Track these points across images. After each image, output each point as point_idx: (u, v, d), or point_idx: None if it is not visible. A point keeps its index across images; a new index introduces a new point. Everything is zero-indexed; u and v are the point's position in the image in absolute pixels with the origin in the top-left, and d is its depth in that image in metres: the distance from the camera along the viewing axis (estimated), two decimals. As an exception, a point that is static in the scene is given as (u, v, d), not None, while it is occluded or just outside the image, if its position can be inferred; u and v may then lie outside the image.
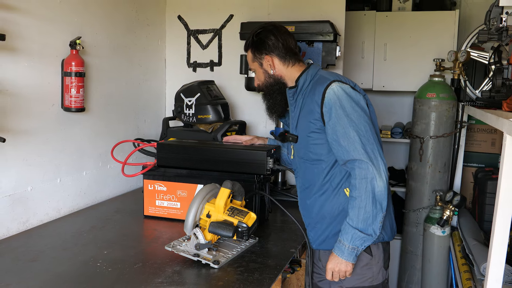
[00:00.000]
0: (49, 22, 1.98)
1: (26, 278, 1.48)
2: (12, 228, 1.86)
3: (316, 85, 1.70)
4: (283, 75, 1.82)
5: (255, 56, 1.84)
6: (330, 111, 1.62)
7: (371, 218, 1.56)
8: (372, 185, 1.55)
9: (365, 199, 1.55)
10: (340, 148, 1.61)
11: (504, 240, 1.39)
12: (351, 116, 1.60)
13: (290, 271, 2.02)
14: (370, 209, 1.55)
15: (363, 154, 1.57)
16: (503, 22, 1.60)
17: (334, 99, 1.61)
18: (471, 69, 3.24)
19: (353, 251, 1.59)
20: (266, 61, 1.81)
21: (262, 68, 1.84)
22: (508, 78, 1.69)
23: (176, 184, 2.05)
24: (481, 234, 2.66)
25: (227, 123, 2.46)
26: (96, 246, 1.74)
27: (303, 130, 1.75)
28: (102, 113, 2.38)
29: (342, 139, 1.60)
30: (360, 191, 1.56)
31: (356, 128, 1.59)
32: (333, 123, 1.61)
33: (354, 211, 1.57)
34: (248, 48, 1.88)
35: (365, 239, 1.58)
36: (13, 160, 1.84)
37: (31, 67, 1.89)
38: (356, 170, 1.58)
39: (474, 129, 3.48)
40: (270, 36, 1.80)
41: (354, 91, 1.66)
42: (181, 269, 1.56)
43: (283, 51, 1.80)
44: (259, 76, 1.87)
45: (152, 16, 2.81)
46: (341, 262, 1.61)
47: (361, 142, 1.58)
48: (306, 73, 1.77)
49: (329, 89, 1.63)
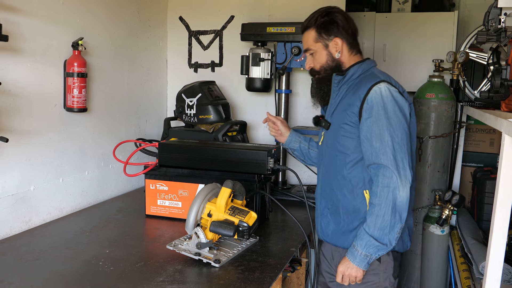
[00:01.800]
0: (52, 23, 2.00)
1: (29, 276, 1.49)
2: (15, 227, 1.87)
3: (364, 80, 1.64)
4: (344, 61, 1.74)
5: (320, 36, 1.72)
6: (371, 109, 1.56)
7: (388, 228, 1.51)
8: (394, 194, 1.50)
9: (385, 207, 1.51)
10: (371, 148, 1.56)
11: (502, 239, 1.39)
12: (391, 119, 1.55)
13: (291, 270, 2.03)
14: (388, 218, 1.51)
15: (391, 161, 1.52)
16: (501, 23, 1.60)
17: (378, 98, 1.56)
18: (470, 69, 3.25)
19: (366, 258, 1.55)
20: (334, 43, 1.72)
21: (327, 50, 1.73)
22: (506, 79, 1.69)
23: (178, 183, 2.06)
24: (480, 233, 2.67)
25: (228, 123, 2.47)
26: (98, 245, 1.75)
27: (337, 119, 1.70)
28: (104, 113, 2.39)
29: (375, 140, 1.55)
30: (381, 199, 1.52)
31: (392, 133, 1.54)
32: (371, 121, 1.56)
33: (372, 218, 1.53)
34: (309, 27, 1.75)
35: (380, 248, 1.54)
36: (16, 160, 1.86)
37: (33, 68, 1.91)
38: (379, 178, 1.53)
39: (473, 129, 3.49)
40: (341, 18, 1.71)
41: (401, 97, 1.61)
42: (183, 268, 1.57)
43: (351, 37, 1.72)
44: (319, 58, 1.75)
45: (153, 17, 2.83)
46: (352, 267, 1.58)
47: (393, 148, 1.53)
48: (359, 66, 1.71)
49: (376, 87, 1.58)
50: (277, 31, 2.46)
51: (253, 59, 2.49)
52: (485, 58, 2.91)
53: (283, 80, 2.58)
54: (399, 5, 3.52)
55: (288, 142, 2.02)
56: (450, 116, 3.02)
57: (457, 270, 2.63)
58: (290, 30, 2.44)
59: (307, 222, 2.00)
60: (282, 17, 2.70)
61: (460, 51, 2.94)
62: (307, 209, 1.90)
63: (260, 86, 2.52)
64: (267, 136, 2.84)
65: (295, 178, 2.20)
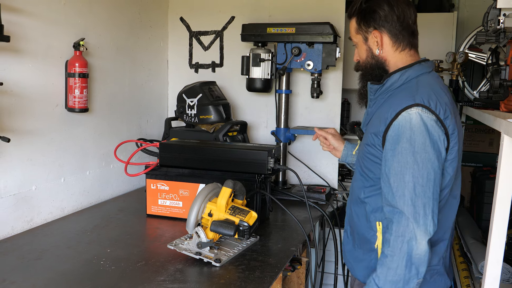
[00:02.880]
0: (53, 23, 2.00)
1: (30, 276, 1.49)
2: (16, 227, 1.88)
3: (399, 94, 1.37)
4: (388, 59, 1.46)
5: (360, 27, 1.48)
6: (395, 140, 1.31)
7: (402, 283, 1.28)
8: (410, 246, 1.27)
9: (398, 260, 1.28)
10: (387, 186, 1.33)
11: (501, 238, 1.39)
12: (417, 155, 1.28)
13: (291, 269, 2.04)
14: (402, 272, 1.28)
15: (408, 206, 1.28)
16: (500, 23, 1.60)
17: (406, 127, 1.29)
18: (469, 70, 3.26)
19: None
20: (373, 36, 1.46)
21: (366, 44, 1.49)
22: (505, 79, 1.70)
23: (178, 183, 2.07)
24: (479, 233, 2.67)
25: (228, 123, 2.48)
26: (100, 245, 1.76)
27: (366, 135, 1.47)
28: (106, 113, 2.40)
29: (394, 178, 1.31)
30: (394, 249, 1.29)
31: (415, 173, 1.28)
32: (392, 155, 1.31)
33: (383, 270, 1.31)
34: (351, 16, 1.52)
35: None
36: (17, 160, 1.86)
37: (35, 68, 1.91)
38: (394, 225, 1.30)
39: (472, 129, 3.50)
40: (383, 6, 1.42)
41: (437, 127, 1.30)
42: (183, 267, 1.57)
43: (397, 27, 1.43)
44: (361, 52, 1.53)
45: (154, 18, 2.84)
46: None
47: (413, 192, 1.28)
48: (402, 73, 1.42)
49: (405, 112, 1.30)
50: (278, 32, 2.47)
51: (254, 60, 2.50)
52: (484, 58, 2.92)
53: (283, 80, 2.59)
54: (399, 5, 3.53)
55: (344, 157, 1.79)
56: (450, 116, 3.02)
57: (456, 269, 2.64)
58: (290, 31, 2.45)
59: (307, 222, 2.01)
60: (282, 17, 2.71)
61: (460, 52, 2.95)
62: (308, 208, 1.91)
63: (260, 87, 2.53)
64: (267, 136, 2.85)
65: (296, 178, 2.20)
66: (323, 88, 2.58)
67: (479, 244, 2.45)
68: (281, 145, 2.58)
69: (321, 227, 2.51)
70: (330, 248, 2.59)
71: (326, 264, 2.59)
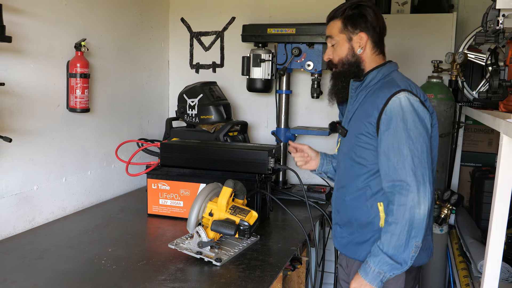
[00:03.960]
0: (55, 24, 2.01)
1: (32, 275, 1.50)
2: (18, 226, 1.88)
3: (383, 87, 1.56)
4: (365, 60, 1.64)
5: (346, 28, 1.63)
6: (390, 121, 1.48)
7: (403, 247, 1.44)
8: (411, 213, 1.42)
9: (401, 227, 1.43)
10: (388, 163, 1.48)
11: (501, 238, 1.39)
12: (410, 132, 1.46)
13: (291, 269, 2.05)
14: (404, 237, 1.43)
15: (410, 176, 1.44)
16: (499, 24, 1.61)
17: (398, 109, 1.47)
18: (469, 70, 3.27)
19: (379, 275, 1.47)
20: (359, 38, 1.62)
21: (349, 44, 1.63)
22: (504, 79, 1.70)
23: (179, 183, 2.08)
24: (478, 232, 2.68)
25: (229, 123, 2.49)
26: (101, 244, 1.77)
27: (354, 128, 1.62)
28: (107, 113, 2.41)
29: (393, 154, 1.47)
30: (397, 217, 1.44)
31: (411, 147, 1.45)
32: (388, 134, 1.48)
33: (387, 237, 1.46)
34: (336, 18, 1.66)
35: (393, 267, 1.45)
36: (19, 159, 1.87)
37: (37, 69, 1.92)
38: (396, 196, 1.45)
39: (472, 129, 3.51)
40: (371, 13, 1.61)
41: (422, 107, 1.51)
42: (184, 266, 1.58)
43: (377, 34, 1.63)
44: (340, 50, 1.65)
45: (155, 18, 2.85)
46: (365, 284, 1.50)
47: (412, 163, 1.44)
48: (378, 70, 1.62)
49: (395, 97, 1.49)
50: (278, 32, 2.48)
51: (254, 60, 2.51)
52: (483, 59, 2.93)
53: (284, 80, 2.60)
54: (399, 6, 3.55)
55: (321, 166, 1.88)
56: (449, 116, 3.04)
57: (455, 268, 2.65)
58: (290, 31, 2.46)
59: (308, 221, 2.02)
60: (282, 18, 2.72)
61: (459, 52, 2.96)
62: (308, 208, 1.91)
63: (260, 87, 2.53)
64: (267, 136, 2.86)
65: (296, 178, 2.21)
66: (323, 88, 2.59)
67: (478, 244, 2.46)
68: (281, 145, 2.59)
69: (321, 227, 2.52)
70: (330, 248, 2.60)
71: (326, 264, 2.60)
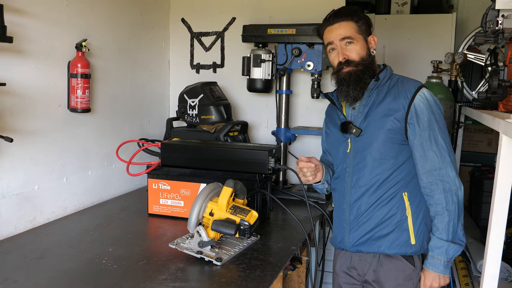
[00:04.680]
0: (56, 24, 2.02)
1: (33, 275, 1.50)
2: (19, 226, 1.89)
3: (402, 85, 1.65)
4: (374, 61, 1.74)
5: (361, 29, 1.69)
6: (422, 115, 1.59)
7: (458, 228, 1.56)
8: (457, 196, 1.56)
9: (454, 212, 1.55)
10: (426, 153, 1.58)
11: (500, 237, 1.40)
12: (440, 123, 1.60)
13: (291, 268, 2.05)
14: (456, 220, 1.56)
15: (449, 163, 1.57)
16: (499, 24, 1.61)
17: (426, 103, 1.60)
18: (468, 70, 3.28)
19: (449, 263, 1.57)
20: (372, 39, 1.73)
21: (367, 44, 1.71)
22: (504, 80, 1.71)
23: (180, 183, 2.08)
24: (478, 232, 2.69)
25: (229, 123, 2.49)
26: (102, 244, 1.77)
27: (375, 126, 1.65)
28: (108, 113, 2.41)
29: (431, 145, 1.58)
30: (448, 204, 1.55)
31: (444, 136, 1.59)
32: (423, 128, 1.58)
33: (444, 226, 1.56)
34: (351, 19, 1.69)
35: (457, 249, 1.56)
36: (20, 159, 1.88)
37: (38, 69, 1.93)
38: (440, 184, 1.56)
39: (471, 129, 3.52)
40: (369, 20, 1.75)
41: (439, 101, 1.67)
42: (185, 266, 1.58)
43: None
44: (361, 49, 1.69)
45: (156, 19, 2.85)
46: (439, 277, 1.57)
47: (447, 151, 1.58)
48: (386, 71, 1.71)
49: (420, 92, 1.61)
50: (278, 33, 2.48)
51: (254, 60, 2.51)
52: (483, 59, 2.94)
53: (284, 81, 2.60)
54: (398, 7, 3.56)
55: (325, 174, 1.85)
56: (449, 117, 3.05)
57: (455, 268, 2.66)
58: (290, 32, 2.47)
59: (308, 221, 2.02)
60: (282, 18, 2.73)
61: (458, 53, 2.97)
62: (308, 208, 1.92)
63: (261, 87, 2.54)
64: (268, 136, 2.86)
65: (296, 178, 2.21)
66: (323, 89, 2.60)
67: (478, 243, 2.47)
68: (281, 145, 2.59)
69: (321, 226, 2.52)
70: (330, 247, 2.60)
71: (326, 263, 2.60)
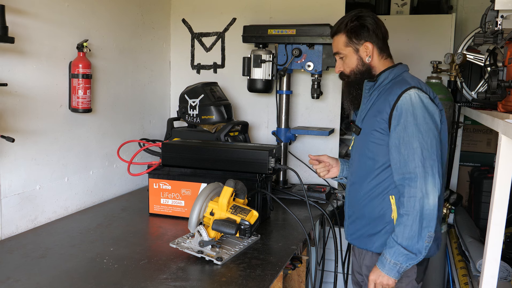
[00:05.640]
0: (57, 25, 2.03)
1: (35, 274, 1.51)
2: (21, 225, 1.90)
3: (394, 86, 1.64)
4: (375, 66, 1.73)
5: (351, 40, 1.72)
6: (400, 116, 1.56)
7: (416, 238, 1.51)
8: (421, 204, 1.50)
9: (412, 217, 1.51)
10: (399, 156, 1.56)
11: (499, 237, 1.40)
12: (420, 126, 1.54)
13: (291, 268, 2.06)
14: (416, 228, 1.50)
15: (418, 168, 1.51)
16: (498, 25, 1.62)
17: (408, 105, 1.55)
18: (467, 71, 3.28)
19: (395, 266, 1.54)
20: (365, 48, 1.71)
21: (357, 54, 1.72)
22: (503, 80, 1.71)
23: (181, 183, 2.09)
24: (477, 232, 2.70)
25: (230, 123, 2.50)
26: (103, 243, 1.78)
27: (367, 125, 1.69)
28: (109, 114, 2.42)
29: (404, 147, 1.54)
30: (408, 209, 1.52)
31: (421, 140, 1.53)
32: (399, 129, 1.56)
33: (400, 228, 1.53)
34: (339, 32, 1.74)
35: (409, 257, 1.52)
36: (22, 159, 1.88)
37: (39, 69, 1.94)
38: (405, 188, 1.54)
39: (470, 129, 3.53)
40: (370, 22, 1.71)
41: (432, 103, 1.59)
42: (185, 265, 1.59)
43: (380, 40, 1.72)
44: (350, 62, 1.75)
45: (157, 19, 2.86)
46: (382, 276, 1.57)
47: (421, 155, 1.52)
48: (390, 71, 1.70)
49: (406, 93, 1.57)
50: (278, 33, 2.49)
51: (255, 61, 2.52)
52: (482, 59, 2.94)
53: (284, 81, 2.61)
54: (398, 7, 3.56)
55: (341, 171, 1.94)
56: (448, 117, 3.05)
57: (454, 267, 2.66)
58: (291, 32, 2.47)
59: (308, 221, 2.03)
60: (283, 19, 2.73)
61: (458, 53, 2.98)
62: (308, 207, 1.93)
63: (261, 87, 2.55)
64: (268, 136, 2.87)
65: (296, 177, 2.22)
66: (323, 89, 2.61)
67: (477, 243, 2.47)
68: (281, 145, 2.60)
69: (321, 226, 2.53)
70: (330, 247, 2.62)
71: (326, 263, 2.61)
